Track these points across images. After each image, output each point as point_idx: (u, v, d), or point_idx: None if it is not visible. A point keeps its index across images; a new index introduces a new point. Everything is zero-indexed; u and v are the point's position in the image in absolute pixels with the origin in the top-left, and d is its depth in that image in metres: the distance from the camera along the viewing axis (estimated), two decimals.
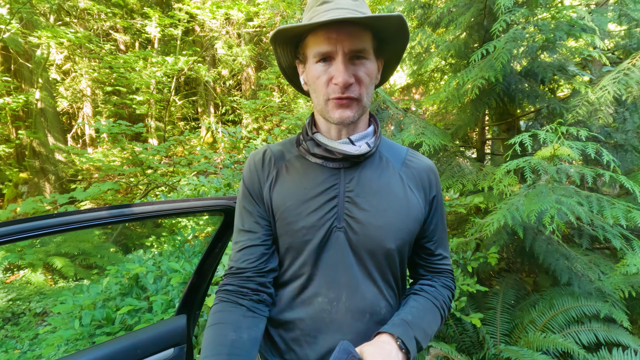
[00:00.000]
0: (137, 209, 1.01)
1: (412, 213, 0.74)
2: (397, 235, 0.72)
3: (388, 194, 0.73)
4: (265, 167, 0.78)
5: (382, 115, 2.79)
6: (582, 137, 1.73)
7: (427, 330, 0.70)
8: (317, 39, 0.64)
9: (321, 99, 0.69)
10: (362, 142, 0.74)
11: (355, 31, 0.63)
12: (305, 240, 0.71)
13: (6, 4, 5.78)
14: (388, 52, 0.74)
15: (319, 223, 0.71)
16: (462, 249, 2.31)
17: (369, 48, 0.66)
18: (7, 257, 3.88)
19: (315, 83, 0.68)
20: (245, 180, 0.80)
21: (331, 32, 0.62)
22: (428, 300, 0.75)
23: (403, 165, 0.78)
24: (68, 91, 9.09)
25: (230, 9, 6.61)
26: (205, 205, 1.17)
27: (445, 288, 0.80)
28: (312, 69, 0.68)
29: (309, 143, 0.76)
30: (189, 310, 1.26)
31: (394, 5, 2.96)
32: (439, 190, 0.80)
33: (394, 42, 0.70)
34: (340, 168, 0.74)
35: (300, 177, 0.75)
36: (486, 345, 2.10)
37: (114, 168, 5.06)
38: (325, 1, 0.65)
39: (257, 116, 7.02)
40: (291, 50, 0.73)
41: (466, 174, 2.57)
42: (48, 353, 2.19)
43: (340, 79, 0.63)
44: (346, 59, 0.64)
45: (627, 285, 1.92)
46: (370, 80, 0.69)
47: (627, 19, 2.38)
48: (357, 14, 0.63)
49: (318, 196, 0.72)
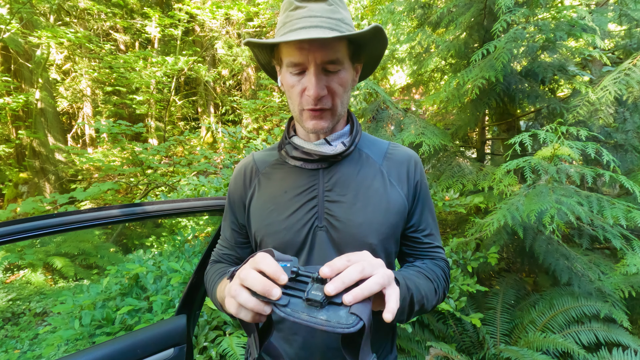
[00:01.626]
0: (137, 209, 1.01)
1: (394, 207, 0.73)
2: (379, 230, 0.71)
3: (367, 189, 0.73)
4: (247, 179, 0.81)
5: (382, 115, 2.79)
6: (582, 137, 1.73)
7: (419, 287, 0.65)
8: (289, 48, 0.64)
9: (296, 108, 0.69)
10: (338, 142, 0.75)
11: (329, 41, 0.62)
12: (287, 242, 0.72)
13: (6, 4, 5.78)
14: (366, 55, 0.73)
15: (300, 224, 0.72)
16: (462, 249, 2.31)
17: (342, 57, 0.65)
18: (7, 257, 3.88)
19: (289, 91, 0.68)
20: (230, 190, 0.85)
21: (303, 43, 0.61)
22: (419, 273, 0.71)
23: (384, 159, 0.78)
24: (68, 91, 9.10)
25: (230, 9, 6.60)
26: (205, 205, 1.18)
27: (436, 266, 0.77)
28: (286, 77, 0.67)
29: (287, 147, 0.77)
30: (189, 310, 1.25)
31: (394, 5, 2.95)
32: (422, 178, 0.79)
33: (372, 46, 0.70)
34: (318, 169, 0.75)
35: (280, 182, 0.76)
36: (486, 345, 2.10)
37: (114, 168, 5.06)
38: (298, 6, 0.64)
39: (257, 116, 7.02)
40: (267, 52, 0.73)
41: (466, 174, 2.57)
42: (48, 353, 2.19)
43: (312, 92, 0.63)
44: (319, 70, 0.63)
45: (627, 285, 1.92)
46: (345, 89, 0.68)
47: (627, 19, 2.39)
48: (331, 24, 0.62)
49: (297, 197, 0.73)
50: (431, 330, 2.27)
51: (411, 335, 2.14)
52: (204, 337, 1.80)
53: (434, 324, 2.28)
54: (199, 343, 1.77)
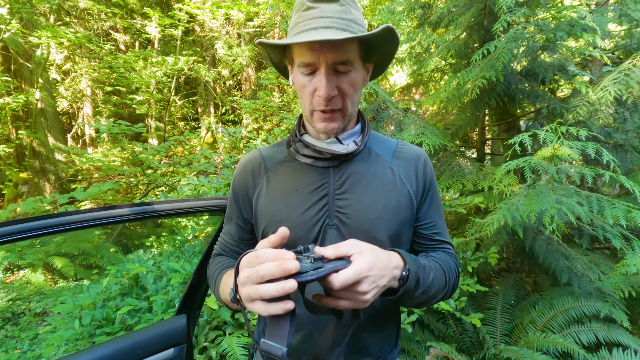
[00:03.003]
0: (137, 209, 1.01)
1: (403, 204, 0.74)
2: (389, 226, 0.72)
3: (377, 187, 0.74)
4: (255, 175, 0.80)
5: (382, 115, 2.79)
6: (582, 137, 1.73)
7: (429, 279, 0.67)
8: (300, 49, 0.64)
9: (307, 109, 0.70)
10: (350, 141, 0.75)
11: (340, 42, 0.62)
12: (298, 238, 0.72)
13: (6, 4, 5.78)
14: (377, 55, 0.74)
15: (312, 221, 0.72)
16: (462, 249, 2.31)
17: (353, 58, 0.65)
18: (7, 257, 3.88)
19: (300, 91, 0.69)
20: (235, 184, 0.83)
21: (315, 44, 0.62)
22: (433, 261, 0.73)
23: (393, 157, 0.79)
24: (68, 91, 9.10)
25: (230, 9, 6.61)
26: (205, 205, 1.18)
27: (450, 258, 0.79)
28: (297, 77, 0.68)
29: (298, 144, 0.77)
30: (189, 310, 1.25)
31: (394, 5, 2.95)
32: (431, 175, 0.81)
33: (383, 46, 0.70)
34: (329, 167, 0.75)
35: (290, 179, 0.76)
36: (486, 345, 2.10)
37: (114, 168, 5.06)
38: (310, 7, 0.65)
39: (257, 116, 7.02)
40: (279, 52, 0.74)
41: (466, 174, 2.57)
42: (48, 353, 2.19)
43: (322, 92, 0.64)
44: (329, 70, 0.64)
45: (627, 285, 1.92)
46: (355, 90, 0.69)
47: (627, 19, 2.39)
48: (342, 25, 0.63)
49: (309, 195, 0.73)
50: (431, 330, 2.27)
51: (411, 335, 2.14)
52: (204, 337, 1.80)
53: (434, 324, 2.28)
54: (199, 343, 1.77)
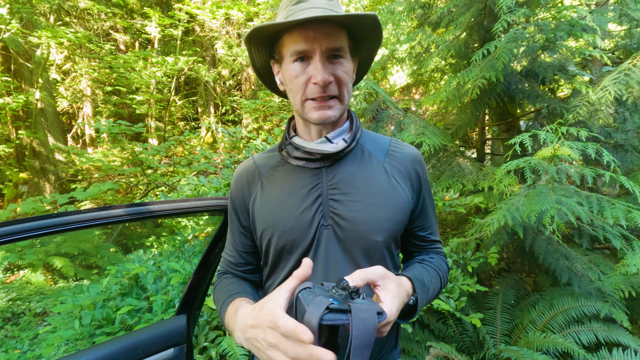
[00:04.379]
0: (137, 209, 1.01)
1: (399, 204, 0.74)
2: (384, 227, 0.72)
3: (371, 187, 0.73)
4: (250, 183, 0.81)
5: (382, 115, 2.79)
6: (583, 137, 1.73)
7: (429, 298, 0.73)
8: (293, 37, 0.64)
9: (298, 100, 0.69)
10: (339, 139, 0.75)
11: (332, 30, 0.64)
12: (294, 242, 0.72)
13: (6, 4, 5.78)
14: (362, 52, 0.75)
15: (307, 223, 0.72)
16: (462, 249, 2.31)
17: (345, 47, 0.66)
18: (7, 257, 3.88)
19: (292, 83, 0.68)
20: (232, 194, 0.84)
21: (308, 31, 0.63)
22: (434, 270, 0.78)
23: (387, 156, 0.78)
24: (68, 91, 9.09)
25: (230, 9, 6.60)
26: (205, 205, 1.17)
27: (442, 262, 0.84)
28: (289, 68, 0.67)
29: (288, 147, 0.77)
30: (189, 310, 1.25)
31: (394, 5, 2.96)
32: (425, 178, 0.81)
33: (368, 41, 0.72)
34: (321, 167, 0.75)
35: (284, 182, 0.76)
36: (486, 345, 2.10)
37: (114, 168, 5.06)
38: (300, 0, 0.66)
39: (257, 116, 7.02)
40: (266, 50, 0.73)
41: (466, 174, 2.57)
42: (48, 353, 2.19)
43: (319, 78, 0.63)
44: (324, 57, 0.64)
45: (627, 285, 1.92)
46: (349, 78, 0.69)
47: (627, 19, 2.39)
48: (332, 13, 0.64)
49: (302, 197, 0.73)
50: (431, 330, 2.27)
51: (411, 335, 2.14)
52: (204, 337, 1.80)
53: (434, 324, 2.28)
54: (199, 343, 1.77)
